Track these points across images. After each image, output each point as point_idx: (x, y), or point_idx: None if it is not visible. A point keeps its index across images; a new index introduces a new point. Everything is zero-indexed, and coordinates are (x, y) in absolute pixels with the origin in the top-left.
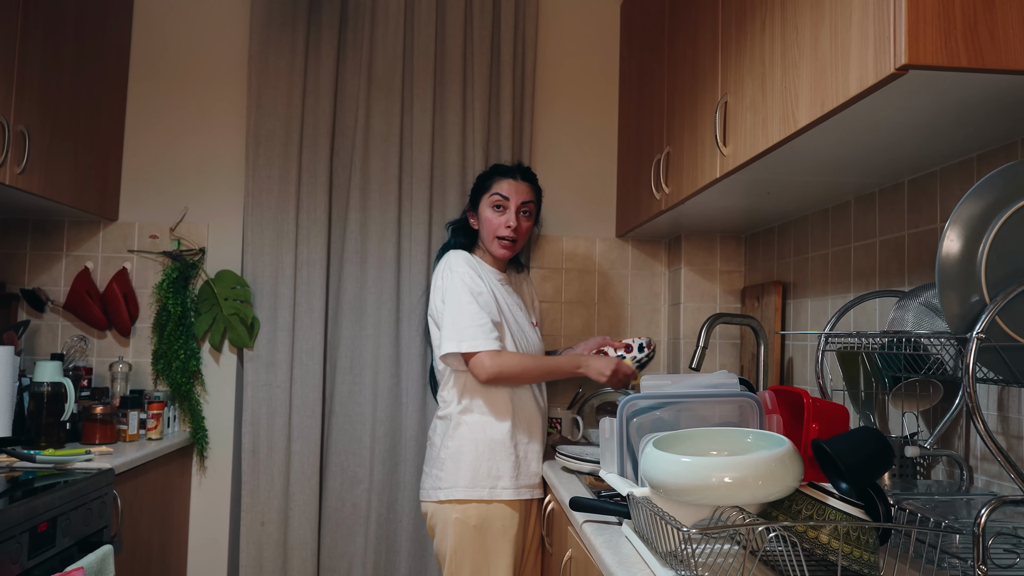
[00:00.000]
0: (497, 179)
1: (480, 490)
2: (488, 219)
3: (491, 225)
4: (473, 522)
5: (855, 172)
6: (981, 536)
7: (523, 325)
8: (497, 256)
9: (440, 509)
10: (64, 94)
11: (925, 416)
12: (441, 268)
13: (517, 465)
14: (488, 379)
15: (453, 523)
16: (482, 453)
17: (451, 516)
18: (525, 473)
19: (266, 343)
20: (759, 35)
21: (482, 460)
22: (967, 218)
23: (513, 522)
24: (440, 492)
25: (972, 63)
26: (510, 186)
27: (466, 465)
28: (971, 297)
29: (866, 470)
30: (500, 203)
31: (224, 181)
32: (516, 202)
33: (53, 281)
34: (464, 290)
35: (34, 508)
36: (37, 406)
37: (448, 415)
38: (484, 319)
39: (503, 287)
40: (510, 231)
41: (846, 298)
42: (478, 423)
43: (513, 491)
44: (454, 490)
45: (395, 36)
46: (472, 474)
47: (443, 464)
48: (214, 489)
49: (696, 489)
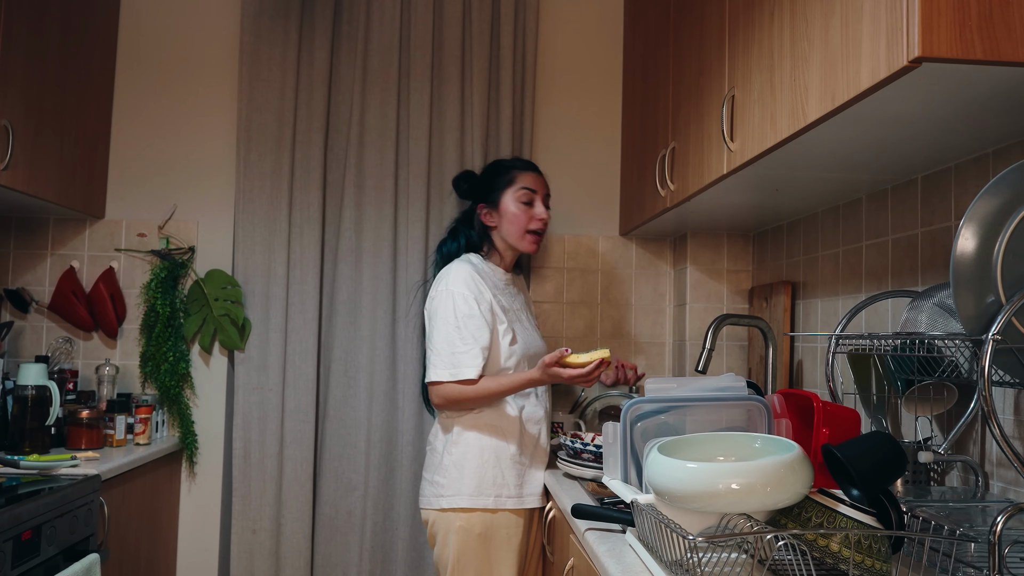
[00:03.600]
0: (519, 173)
1: (485, 499)
2: (516, 214)
3: (520, 220)
4: (477, 531)
5: (867, 168)
6: (997, 545)
7: (528, 327)
8: (527, 251)
9: (442, 517)
10: (49, 87)
11: (939, 420)
12: (440, 284)
13: (523, 474)
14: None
15: (456, 531)
16: (487, 460)
17: (454, 524)
18: (530, 482)
19: (258, 345)
20: (767, 26)
21: (487, 468)
22: (982, 216)
23: (517, 531)
24: (443, 500)
25: (988, 55)
26: (534, 179)
27: (470, 472)
28: (986, 297)
29: (878, 476)
30: (529, 197)
31: (214, 177)
32: (542, 194)
33: (37, 281)
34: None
35: (17, 516)
36: (21, 410)
37: (452, 422)
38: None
39: (508, 288)
40: (542, 223)
41: (857, 298)
42: (485, 430)
43: (517, 500)
44: (458, 498)
45: (391, 27)
46: (477, 482)
47: (446, 471)
48: (204, 496)
49: (702, 496)
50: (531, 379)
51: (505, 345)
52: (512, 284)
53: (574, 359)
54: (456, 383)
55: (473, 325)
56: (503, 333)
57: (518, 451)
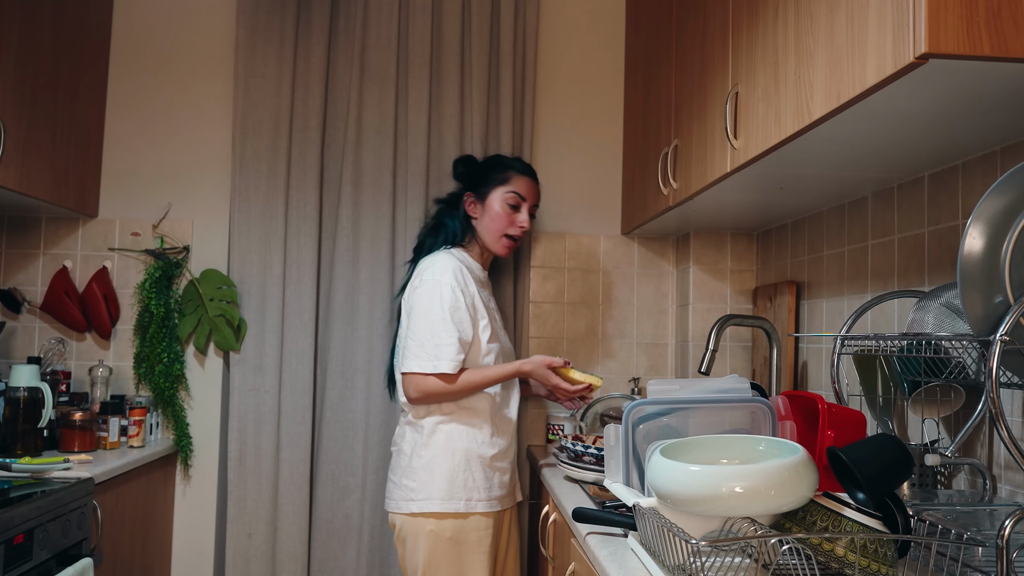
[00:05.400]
0: (515, 175)
1: (456, 503)
2: (499, 215)
3: (502, 222)
4: (448, 535)
5: (872, 166)
6: (1005, 549)
7: (500, 326)
8: (499, 253)
9: (412, 521)
10: (41, 84)
11: (946, 423)
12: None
13: (491, 476)
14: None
15: (427, 536)
16: (458, 464)
17: (424, 529)
18: (499, 484)
19: (253, 346)
20: (771, 22)
21: (458, 471)
22: (990, 214)
23: (488, 532)
24: (413, 504)
25: (996, 52)
26: (528, 186)
27: (441, 476)
28: (994, 297)
29: (884, 479)
30: (516, 201)
31: (209, 176)
32: (530, 203)
33: (30, 281)
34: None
35: (9, 519)
36: (13, 412)
37: (421, 423)
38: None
39: (483, 287)
40: (521, 231)
41: (863, 299)
42: (455, 433)
43: (486, 503)
44: (428, 503)
45: (389, 23)
46: (448, 486)
47: (415, 474)
48: (199, 499)
49: (705, 499)
50: (519, 369)
51: (484, 341)
52: (486, 284)
53: (572, 374)
54: (436, 377)
55: (458, 318)
56: (483, 329)
57: (491, 456)
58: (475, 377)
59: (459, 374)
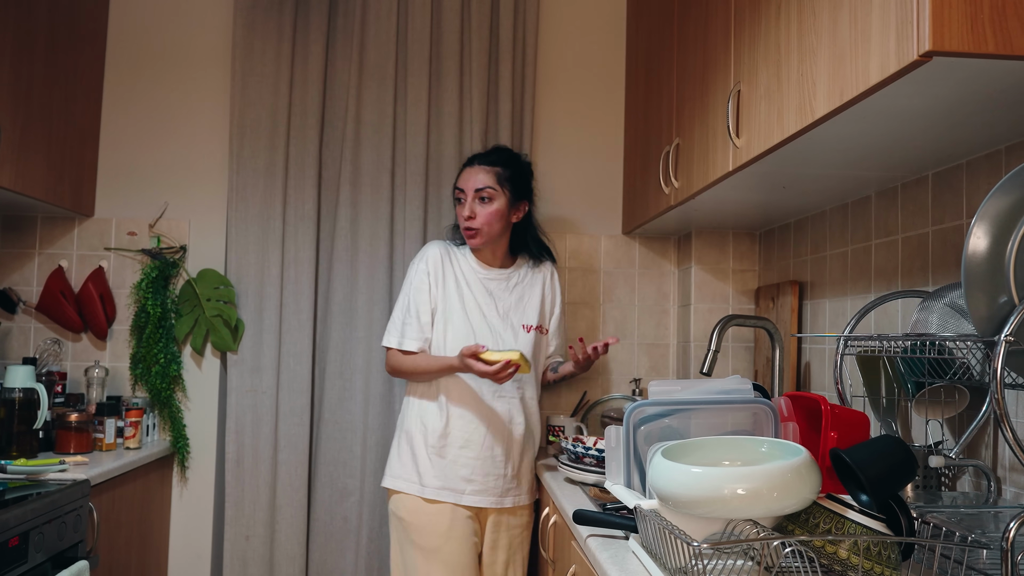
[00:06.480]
0: (461, 170)
1: (405, 483)
2: (457, 214)
3: (458, 219)
4: (400, 513)
5: (876, 165)
6: (1010, 551)
7: (491, 321)
8: (470, 246)
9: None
10: (37, 82)
11: (950, 424)
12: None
13: (443, 466)
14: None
15: (391, 514)
16: (403, 445)
17: (389, 506)
18: (458, 477)
19: (251, 346)
20: (774, 19)
21: (404, 451)
22: (995, 214)
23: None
24: (387, 479)
25: (1000, 49)
26: (466, 176)
27: (396, 453)
28: (999, 298)
29: (888, 481)
30: (459, 196)
31: (206, 175)
32: (471, 191)
33: (25, 281)
34: (407, 282)
35: (4, 522)
36: (8, 413)
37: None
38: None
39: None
40: (467, 221)
41: (866, 299)
42: (411, 414)
43: (435, 491)
44: (389, 478)
45: (388, 20)
46: (399, 464)
47: (393, 450)
48: (196, 501)
49: (707, 501)
50: (449, 365)
51: (439, 331)
52: (505, 279)
53: (489, 356)
54: (398, 351)
55: (420, 300)
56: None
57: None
58: (421, 362)
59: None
